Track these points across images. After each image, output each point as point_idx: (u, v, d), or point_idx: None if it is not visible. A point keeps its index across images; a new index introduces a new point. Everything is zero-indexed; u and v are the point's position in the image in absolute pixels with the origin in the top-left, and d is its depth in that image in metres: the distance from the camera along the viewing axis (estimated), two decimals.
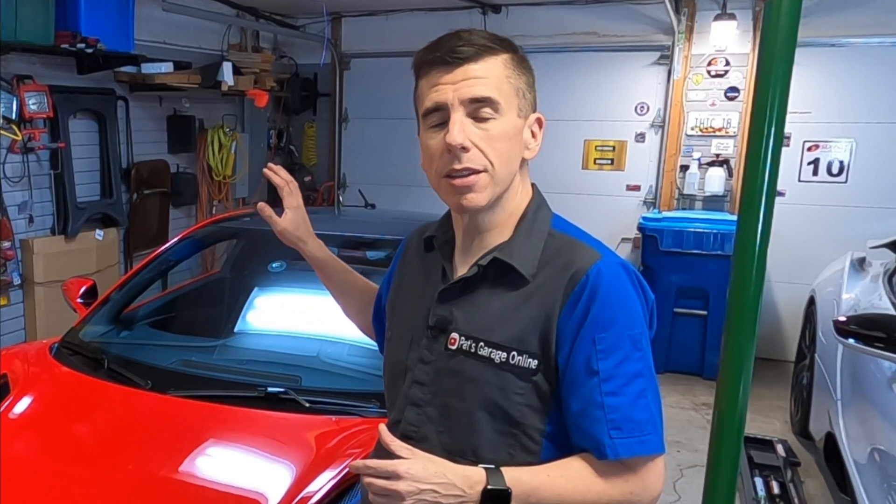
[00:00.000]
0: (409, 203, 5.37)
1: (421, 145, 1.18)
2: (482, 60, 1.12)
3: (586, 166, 5.78)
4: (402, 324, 1.29)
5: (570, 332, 1.11)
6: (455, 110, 1.10)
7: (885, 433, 2.58)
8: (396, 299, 1.35)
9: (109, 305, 2.88)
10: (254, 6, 5.79)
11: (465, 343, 1.16)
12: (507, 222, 1.20)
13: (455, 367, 1.17)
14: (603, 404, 1.09)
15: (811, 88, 4.95)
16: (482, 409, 1.15)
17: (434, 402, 1.20)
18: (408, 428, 1.21)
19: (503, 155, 1.13)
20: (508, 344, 1.13)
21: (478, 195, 1.13)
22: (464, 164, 1.11)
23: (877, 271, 3.55)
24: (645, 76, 5.54)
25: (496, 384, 1.14)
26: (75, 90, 4.46)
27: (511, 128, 1.14)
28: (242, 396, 2.23)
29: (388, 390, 1.32)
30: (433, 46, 1.14)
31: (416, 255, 1.34)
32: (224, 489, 1.92)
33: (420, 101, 1.17)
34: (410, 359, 1.24)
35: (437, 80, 1.12)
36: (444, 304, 1.21)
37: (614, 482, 1.11)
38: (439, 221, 1.31)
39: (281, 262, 3.06)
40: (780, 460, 3.54)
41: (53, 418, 2.25)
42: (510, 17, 5.76)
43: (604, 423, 1.09)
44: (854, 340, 2.55)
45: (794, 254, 4.94)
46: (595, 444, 1.10)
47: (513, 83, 1.14)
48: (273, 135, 6.48)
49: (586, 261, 1.13)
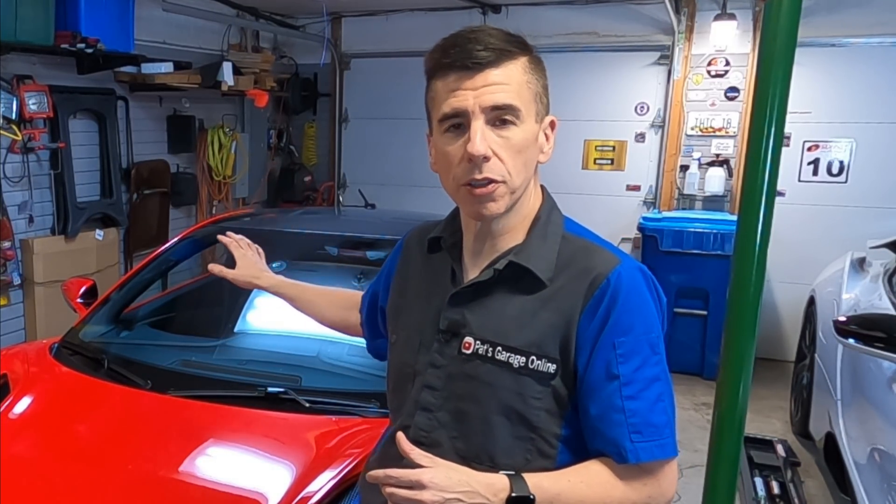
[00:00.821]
0: (409, 203, 5.37)
1: (435, 148, 1.16)
2: (503, 66, 1.09)
3: (586, 166, 5.78)
4: (408, 327, 1.27)
5: (590, 337, 1.11)
6: (476, 118, 1.08)
7: (885, 433, 2.58)
8: (400, 302, 1.32)
9: (109, 305, 2.88)
10: (254, 6, 5.78)
11: (481, 347, 1.15)
12: (520, 226, 1.19)
13: (470, 372, 1.16)
14: (623, 408, 1.10)
15: (811, 88, 4.95)
16: (499, 414, 1.14)
17: (446, 406, 1.18)
18: (418, 433, 1.19)
19: (521, 164, 1.12)
20: (527, 348, 1.13)
21: (497, 204, 1.12)
22: (484, 175, 1.09)
23: (877, 271, 3.55)
24: (645, 76, 5.54)
25: (514, 389, 1.13)
26: (75, 90, 4.46)
27: (530, 135, 1.12)
28: (242, 396, 2.23)
29: (394, 394, 1.30)
30: (448, 49, 1.10)
31: (419, 256, 1.31)
32: (224, 489, 1.92)
33: (435, 105, 1.14)
34: (420, 363, 1.22)
35: (457, 86, 1.09)
36: (456, 307, 1.19)
37: (633, 486, 1.11)
38: (444, 222, 1.29)
39: (281, 263, 3.06)
40: (780, 460, 3.54)
41: (53, 418, 2.25)
42: (510, 17, 5.76)
43: (624, 427, 1.09)
44: (854, 340, 2.55)
45: (794, 254, 4.93)
46: (616, 449, 1.10)
47: (532, 88, 1.13)
48: (273, 135, 6.48)
49: (606, 265, 1.13)
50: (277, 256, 3.08)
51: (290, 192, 6.36)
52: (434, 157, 1.18)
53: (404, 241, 1.39)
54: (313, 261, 3.16)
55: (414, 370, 1.22)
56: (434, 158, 1.18)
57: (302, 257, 3.19)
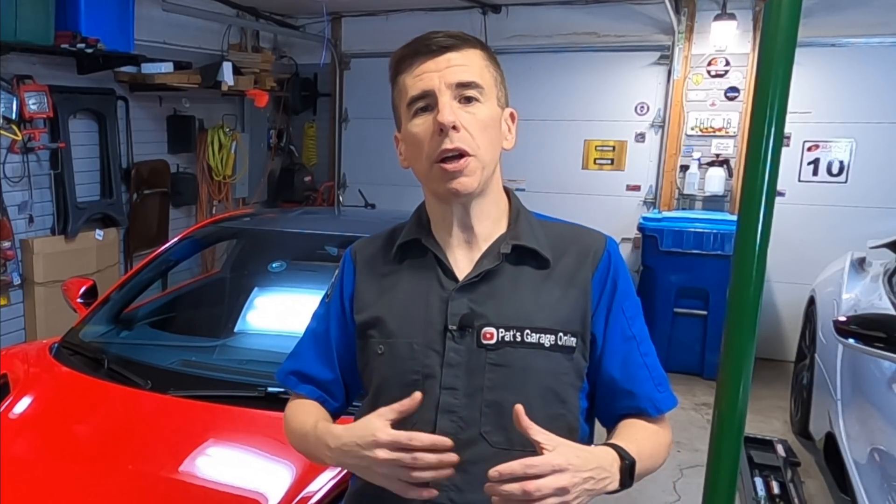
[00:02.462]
0: (409, 203, 5.34)
1: (405, 139, 1.19)
2: (462, 50, 1.16)
3: (586, 166, 5.78)
4: (403, 333, 1.20)
5: (604, 306, 1.20)
6: (442, 94, 1.12)
7: (885, 433, 2.58)
8: (381, 312, 1.22)
9: (109, 305, 2.88)
10: (254, 6, 5.79)
11: (507, 334, 1.15)
12: (497, 213, 1.23)
13: (498, 361, 1.15)
14: (645, 364, 1.22)
15: (811, 88, 4.95)
16: (537, 396, 1.14)
17: (472, 404, 1.14)
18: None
19: (488, 140, 1.15)
20: (554, 326, 1.16)
21: (469, 178, 1.14)
22: (455, 144, 1.12)
23: (877, 271, 3.55)
24: (645, 76, 5.54)
25: (548, 368, 1.16)
26: (75, 90, 4.46)
27: (495, 113, 1.17)
28: (242, 396, 2.23)
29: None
30: (408, 45, 1.17)
31: (384, 264, 1.26)
32: (224, 489, 1.92)
33: (403, 94, 1.18)
34: (427, 366, 1.16)
35: (422, 70, 1.15)
36: (461, 300, 1.17)
37: (666, 430, 1.23)
38: (410, 226, 1.26)
39: (281, 262, 3.06)
40: (780, 460, 3.53)
41: (53, 418, 2.25)
42: (510, 17, 5.76)
43: (650, 381, 1.21)
44: (854, 340, 2.54)
45: (794, 254, 4.94)
46: (650, 402, 1.20)
47: (491, 73, 1.19)
48: (273, 135, 6.48)
49: (599, 241, 1.24)
50: (277, 256, 3.09)
51: (290, 192, 6.36)
52: (405, 152, 1.21)
53: (352, 258, 1.31)
54: (313, 261, 3.16)
55: (422, 374, 1.17)
56: (405, 153, 1.21)
57: (302, 257, 3.19)
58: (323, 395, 1.32)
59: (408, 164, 1.22)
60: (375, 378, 1.23)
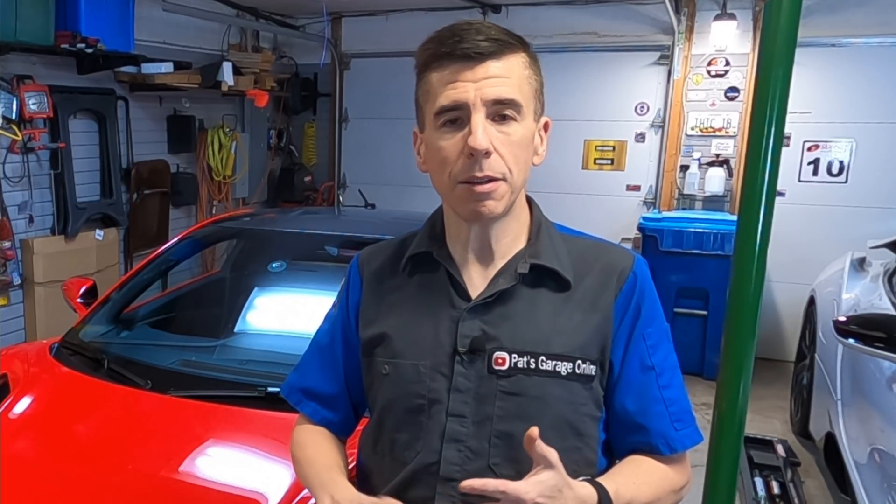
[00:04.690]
0: (409, 203, 5.36)
1: (427, 145, 1.09)
2: (504, 58, 1.04)
3: (586, 166, 5.78)
4: (410, 354, 1.11)
5: (624, 332, 1.11)
6: (476, 111, 1.01)
7: (885, 433, 2.58)
8: (387, 330, 1.15)
9: (109, 305, 2.87)
10: (254, 6, 5.79)
11: (520, 360, 1.06)
12: (519, 229, 1.14)
13: (510, 389, 1.06)
14: (662, 398, 1.12)
15: (811, 88, 4.95)
16: (551, 428, 1.04)
17: (480, 434, 1.07)
18: (450, 469, 1.07)
19: (521, 162, 1.06)
20: (572, 353, 1.07)
21: (496, 203, 1.05)
22: (485, 172, 1.02)
23: (877, 271, 3.55)
24: (645, 76, 5.54)
25: (565, 398, 1.07)
26: (75, 90, 4.46)
27: (529, 132, 1.07)
28: (242, 396, 2.22)
29: (400, 433, 1.13)
30: (445, 39, 1.04)
31: (393, 277, 1.19)
32: (224, 489, 1.92)
33: (430, 98, 1.06)
34: (434, 391, 1.08)
35: (456, 77, 1.02)
36: (473, 321, 1.08)
37: (678, 472, 1.14)
38: (422, 237, 1.18)
39: (281, 262, 3.06)
40: (780, 460, 3.53)
41: (53, 418, 2.25)
42: (510, 17, 5.76)
43: (666, 417, 1.11)
44: (854, 340, 2.54)
45: (794, 254, 4.94)
46: (663, 440, 1.11)
47: (532, 84, 1.07)
48: (273, 135, 6.48)
49: (626, 260, 1.15)
50: (277, 256, 3.09)
51: (290, 192, 6.36)
52: (424, 156, 1.11)
53: (358, 269, 1.25)
54: (313, 261, 3.16)
55: (428, 399, 1.09)
56: (424, 157, 1.11)
57: (302, 257, 3.19)
58: (328, 414, 1.27)
59: (426, 170, 1.11)
60: (380, 399, 1.16)
